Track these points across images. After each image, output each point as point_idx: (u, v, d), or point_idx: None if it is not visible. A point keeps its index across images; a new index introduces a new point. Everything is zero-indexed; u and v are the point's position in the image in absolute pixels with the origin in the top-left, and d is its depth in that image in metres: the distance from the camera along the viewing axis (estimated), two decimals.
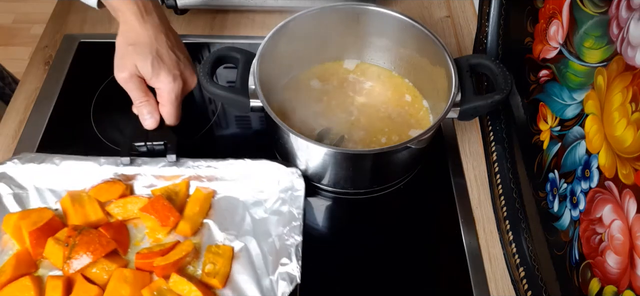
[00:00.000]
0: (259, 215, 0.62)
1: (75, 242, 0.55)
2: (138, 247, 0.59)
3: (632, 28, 0.42)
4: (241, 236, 0.60)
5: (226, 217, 0.62)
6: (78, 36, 0.84)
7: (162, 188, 0.63)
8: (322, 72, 0.76)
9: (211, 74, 0.63)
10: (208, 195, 0.63)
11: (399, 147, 0.61)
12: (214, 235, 0.61)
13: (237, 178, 0.63)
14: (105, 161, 0.62)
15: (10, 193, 0.61)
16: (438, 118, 0.61)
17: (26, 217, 0.58)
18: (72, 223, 0.59)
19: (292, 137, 0.60)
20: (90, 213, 0.60)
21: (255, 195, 0.63)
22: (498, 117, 0.69)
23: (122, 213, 0.61)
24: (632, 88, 0.42)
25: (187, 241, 0.59)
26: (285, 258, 0.56)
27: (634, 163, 0.41)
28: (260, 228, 0.61)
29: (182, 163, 0.63)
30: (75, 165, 0.62)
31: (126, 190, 0.62)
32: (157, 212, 0.59)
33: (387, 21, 0.71)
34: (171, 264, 0.56)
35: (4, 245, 0.58)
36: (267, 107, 0.60)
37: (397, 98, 0.74)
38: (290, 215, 0.60)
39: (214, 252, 0.58)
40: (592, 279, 0.46)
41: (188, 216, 0.61)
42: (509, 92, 0.62)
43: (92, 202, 0.61)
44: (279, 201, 0.62)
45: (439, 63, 0.66)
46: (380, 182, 0.67)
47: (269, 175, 0.63)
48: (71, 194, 0.61)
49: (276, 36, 0.67)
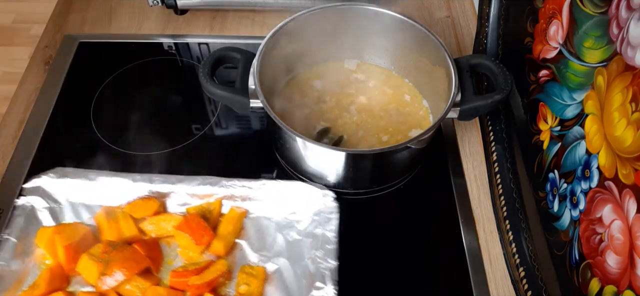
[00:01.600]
0: (291, 236, 0.61)
1: (110, 258, 0.54)
2: (171, 265, 0.59)
3: (632, 28, 0.42)
4: (274, 257, 0.59)
5: (259, 238, 0.61)
6: (78, 36, 0.84)
7: (196, 207, 0.62)
8: (323, 72, 0.76)
9: (211, 74, 0.63)
10: (241, 214, 0.62)
11: (399, 147, 0.61)
12: (246, 255, 0.60)
13: (270, 199, 0.62)
14: (140, 178, 0.62)
15: (45, 207, 0.61)
16: (438, 118, 0.61)
17: (61, 231, 0.57)
18: (106, 239, 0.58)
19: (291, 137, 0.60)
20: (124, 230, 0.60)
21: (288, 216, 0.62)
22: (498, 117, 0.69)
23: (155, 230, 0.60)
24: (632, 88, 0.42)
25: (221, 261, 0.58)
26: (320, 282, 0.55)
27: (634, 163, 0.41)
28: (293, 250, 0.60)
29: (216, 182, 0.62)
30: (110, 181, 0.62)
31: (160, 207, 0.62)
32: (192, 230, 0.58)
33: (387, 21, 0.71)
34: (206, 283, 0.55)
35: (37, 259, 0.58)
36: (267, 107, 0.60)
37: (397, 99, 0.74)
38: (324, 238, 0.59)
39: (247, 273, 0.57)
40: (592, 279, 0.46)
41: (222, 235, 0.60)
42: (509, 92, 0.61)
43: (126, 218, 0.60)
44: (312, 223, 0.61)
45: (439, 63, 0.66)
46: (380, 182, 0.67)
47: (302, 197, 0.62)
48: (106, 210, 0.61)
49: (276, 36, 0.67)
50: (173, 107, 0.76)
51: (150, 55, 0.82)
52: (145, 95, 0.77)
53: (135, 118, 0.74)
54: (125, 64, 0.80)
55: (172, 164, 0.69)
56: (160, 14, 0.88)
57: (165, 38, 0.85)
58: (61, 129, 0.72)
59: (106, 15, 0.88)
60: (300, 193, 0.62)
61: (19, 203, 0.60)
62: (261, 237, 0.61)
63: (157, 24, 0.87)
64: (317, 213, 0.61)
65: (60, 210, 0.61)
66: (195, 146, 0.71)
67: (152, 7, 0.89)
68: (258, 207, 0.63)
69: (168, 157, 0.70)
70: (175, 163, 0.69)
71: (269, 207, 0.63)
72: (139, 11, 0.89)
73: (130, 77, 0.79)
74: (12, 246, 0.57)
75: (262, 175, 0.66)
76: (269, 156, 0.71)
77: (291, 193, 0.62)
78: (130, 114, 0.75)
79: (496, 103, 0.62)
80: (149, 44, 0.84)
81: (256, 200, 0.62)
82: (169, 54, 0.83)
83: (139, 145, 0.71)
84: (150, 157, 0.69)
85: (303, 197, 0.62)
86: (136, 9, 0.89)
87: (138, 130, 0.73)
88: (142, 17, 0.88)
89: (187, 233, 0.58)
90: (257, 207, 0.63)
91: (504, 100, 0.62)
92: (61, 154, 0.70)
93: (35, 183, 0.61)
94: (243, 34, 0.86)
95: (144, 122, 0.74)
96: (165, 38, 0.85)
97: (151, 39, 0.84)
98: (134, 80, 0.79)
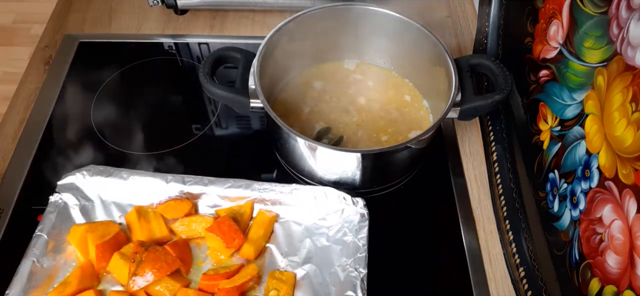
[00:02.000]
0: (321, 242, 0.61)
1: (141, 259, 0.54)
2: (200, 267, 0.58)
3: (632, 28, 0.42)
4: (303, 263, 0.59)
5: (288, 243, 0.61)
6: (78, 36, 0.84)
7: (226, 209, 0.62)
8: (323, 72, 0.76)
9: (211, 73, 0.63)
10: (272, 219, 0.62)
11: (398, 147, 0.61)
12: (275, 260, 0.59)
13: (301, 204, 0.62)
14: (172, 178, 0.62)
15: (77, 205, 0.61)
16: (438, 118, 0.61)
17: (93, 229, 0.57)
18: (136, 239, 0.58)
19: (292, 137, 0.60)
20: (155, 230, 0.59)
21: (318, 222, 0.62)
22: (498, 117, 0.69)
23: (186, 231, 0.60)
24: (632, 88, 0.42)
25: (251, 265, 0.58)
26: (350, 290, 0.55)
27: (634, 163, 0.41)
28: (322, 256, 0.60)
29: (248, 185, 0.62)
30: (142, 180, 0.62)
31: (192, 209, 0.62)
32: (223, 233, 0.58)
33: (387, 21, 0.71)
34: (235, 287, 0.55)
35: (68, 256, 0.58)
36: (267, 106, 0.60)
37: (397, 99, 0.74)
38: (355, 246, 0.58)
39: (277, 278, 0.57)
40: (592, 279, 0.46)
41: (252, 239, 0.59)
42: (509, 92, 0.61)
43: (157, 219, 0.60)
44: (342, 230, 0.61)
45: (439, 63, 0.66)
46: (380, 182, 0.67)
47: (332, 204, 0.62)
48: (138, 209, 0.60)
49: (276, 36, 0.67)
50: (173, 107, 0.76)
51: (150, 55, 0.82)
52: (145, 95, 0.77)
53: (135, 118, 0.75)
54: (125, 64, 0.80)
55: (173, 164, 0.69)
56: (160, 14, 0.88)
57: (165, 38, 0.85)
58: (61, 129, 0.72)
59: (106, 15, 0.88)
60: (331, 199, 0.61)
61: (52, 200, 0.60)
62: (290, 242, 0.61)
63: (157, 24, 0.87)
64: (348, 220, 0.61)
65: (92, 207, 0.61)
66: (195, 146, 0.71)
67: (152, 7, 0.89)
68: (288, 211, 0.62)
69: (168, 156, 0.70)
70: (175, 163, 0.69)
71: (299, 212, 0.62)
72: (139, 11, 0.89)
73: (130, 77, 0.79)
74: (43, 243, 0.57)
75: (262, 176, 0.66)
76: (269, 156, 0.71)
77: (322, 199, 0.62)
78: (130, 114, 0.75)
79: (496, 103, 0.62)
80: (149, 44, 0.84)
81: (286, 204, 0.62)
82: (169, 54, 0.83)
83: (139, 145, 0.71)
84: (150, 157, 0.69)
85: (334, 204, 0.61)
86: (136, 9, 0.89)
87: (138, 130, 0.73)
88: (142, 17, 0.88)
89: (218, 236, 0.57)
90: (287, 212, 0.62)
91: (504, 100, 0.62)
92: (61, 154, 0.70)
93: (69, 180, 0.61)
94: (243, 33, 0.86)
95: (144, 122, 0.74)
96: (165, 38, 0.85)
97: (151, 39, 0.84)
98: (134, 80, 0.79)
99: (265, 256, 0.60)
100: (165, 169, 0.68)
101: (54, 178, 0.67)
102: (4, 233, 0.62)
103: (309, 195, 0.62)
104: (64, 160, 0.69)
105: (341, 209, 0.61)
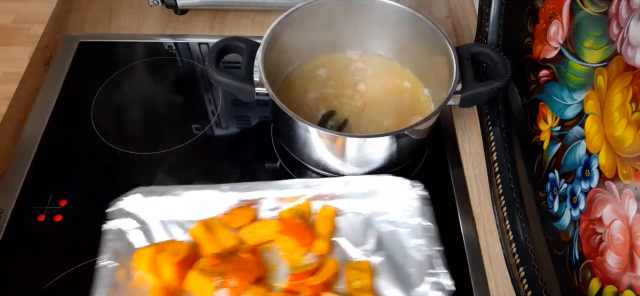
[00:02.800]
0: (386, 228, 0.61)
1: (223, 270, 0.54)
2: (276, 270, 0.58)
3: (632, 28, 0.42)
4: (375, 250, 0.59)
5: (354, 233, 0.61)
6: (78, 36, 0.84)
7: (288, 210, 0.62)
8: (326, 63, 0.76)
9: (216, 62, 0.63)
10: (333, 212, 0.62)
11: (398, 132, 0.61)
12: (347, 251, 0.60)
13: (358, 195, 0.62)
14: (227, 187, 0.61)
15: (134, 229, 0.58)
16: (440, 105, 0.62)
17: (162, 250, 0.55)
18: (207, 252, 0.57)
19: (296, 123, 0.61)
20: (223, 241, 0.58)
21: (377, 209, 0.62)
22: (498, 117, 0.69)
23: (253, 238, 0.59)
24: (632, 88, 0.42)
25: (331, 260, 0.58)
26: (431, 269, 0.56)
27: (634, 163, 0.41)
28: (392, 241, 0.60)
29: (302, 184, 0.62)
30: (197, 194, 0.60)
31: (254, 215, 0.61)
32: (294, 233, 0.58)
33: (389, 12, 0.72)
34: (322, 284, 0.55)
35: (137, 282, 0.55)
36: (272, 92, 0.60)
37: (399, 89, 0.74)
38: (423, 227, 0.59)
39: (356, 268, 0.57)
40: (592, 279, 0.46)
41: (321, 234, 0.60)
42: (509, 79, 0.62)
43: (224, 229, 0.59)
44: (404, 214, 0.61)
45: (441, 52, 0.67)
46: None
47: (389, 190, 0.62)
48: (204, 222, 0.59)
49: (280, 26, 0.68)
50: (173, 107, 0.76)
51: (150, 55, 0.82)
52: (145, 95, 0.78)
53: (135, 118, 0.75)
54: (125, 64, 0.80)
55: (173, 164, 0.69)
56: (160, 14, 0.88)
57: (165, 38, 0.85)
58: (61, 129, 0.72)
59: (106, 15, 0.88)
60: (387, 186, 0.62)
61: (107, 228, 0.57)
62: (356, 233, 0.61)
63: (157, 24, 0.87)
64: (409, 203, 0.61)
65: (150, 230, 0.59)
66: (195, 146, 0.71)
67: (152, 7, 0.89)
68: (346, 203, 0.63)
69: (168, 157, 0.70)
70: (175, 164, 0.69)
71: (357, 203, 0.62)
72: (139, 11, 0.89)
73: (130, 77, 0.79)
74: (110, 272, 0.54)
75: (264, 174, 0.66)
76: (270, 155, 0.71)
77: (377, 187, 0.62)
78: (130, 114, 0.75)
79: (496, 90, 0.62)
80: (149, 44, 0.84)
81: (343, 197, 0.62)
82: (169, 54, 0.83)
83: (139, 145, 0.71)
84: (151, 157, 0.69)
85: (389, 190, 0.62)
86: (136, 9, 0.89)
87: (138, 130, 0.73)
88: (142, 17, 0.88)
89: (290, 237, 0.58)
90: (345, 204, 0.63)
91: (504, 86, 0.63)
92: (61, 154, 0.70)
93: (119, 206, 0.59)
94: (243, 34, 0.86)
95: (144, 122, 0.74)
96: (165, 38, 0.85)
97: (151, 39, 0.84)
98: (134, 80, 0.79)
99: (335, 249, 0.60)
100: (166, 169, 0.68)
101: (54, 178, 0.67)
102: (4, 233, 0.62)
103: (364, 185, 0.62)
104: (64, 160, 0.69)
105: (401, 194, 0.62)
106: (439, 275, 0.55)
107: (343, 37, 0.76)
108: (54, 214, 0.63)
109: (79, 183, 0.67)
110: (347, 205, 0.63)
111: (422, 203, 0.61)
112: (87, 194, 0.66)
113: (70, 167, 0.69)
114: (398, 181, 0.62)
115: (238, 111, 0.76)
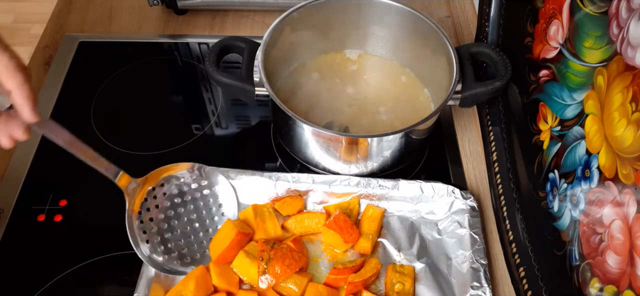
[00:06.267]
0: (433, 236, 0.61)
1: (270, 256, 0.54)
2: (317, 262, 0.59)
3: (632, 28, 0.42)
4: (419, 256, 0.59)
5: (399, 237, 0.61)
6: (78, 36, 0.84)
7: (334, 205, 0.62)
8: (325, 62, 0.76)
9: (217, 62, 0.63)
10: (381, 213, 0.62)
11: (398, 132, 0.61)
12: (390, 254, 0.60)
13: (408, 199, 0.63)
14: (280, 176, 0.62)
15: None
16: (440, 104, 0.62)
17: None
18: (259, 238, 0.59)
19: (297, 123, 0.61)
20: (269, 229, 0.60)
21: (425, 216, 0.63)
22: (498, 118, 0.69)
23: (299, 228, 0.61)
24: (632, 88, 0.42)
25: (374, 260, 0.59)
26: (476, 282, 0.56)
27: (634, 163, 0.41)
28: (437, 249, 0.60)
29: (353, 181, 0.62)
30: (249, 179, 0.62)
31: (302, 206, 0.63)
32: (340, 229, 0.58)
33: (389, 11, 0.72)
34: (363, 281, 0.55)
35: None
36: (271, 92, 0.61)
37: (398, 88, 0.74)
38: (471, 238, 0.59)
39: (399, 271, 0.57)
40: (592, 279, 0.46)
41: (366, 234, 0.60)
42: (509, 78, 0.62)
43: (272, 217, 0.61)
44: (453, 224, 0.61)
45: (440, 52, 0.67)
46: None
47: (440, 197, 0.62)
48: (254, 207, 0.61)
49: (280, 26, 0.68)
50: (173, 107, 0.76)
51: (150, 55, 0.82)
52: (145, 95, 0.78)
53: (135, 118, 0.75)
54: (125, 64, 0.80)
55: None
56: (160, 14, 0.88)
57: (165, 38, 0.85)
58: None
59: (106, 15, 0.88)
60: (439, 193, 0.62)
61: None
62: (401, 236, 0.61)
63: (157, 24, 0.87)
64: (458, 213, 0.62)
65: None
66: (195, 146, 0.71)
67: (152, 7, 0.89)
68: (395, 206, 0.63)
69: (168, 157, 0.70)
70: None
71: (406, 207, 0.63)
72: (139, 11, 0.89)
73: (130, 77, 0.79)
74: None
75: (264, 174, 0.66)
76: (270, 155, 0.71)
77: (429, 193, 0.62)
78: (130, 114, 0.75)
79: (496, 90, 0.62)
80: (149, 44, 0.84)
81: (392, 199, 0.63)
82: (169, 54, 0.83)
83: (139, 145, 0.71)
84: (151, 157, 0.69)
85: (440, 197, 0.62)
86: (136, 9, 0.89)
87: (138, 130, 0.73)
88: (142, 17, 0.88)
89: (336, 231, 0.58)
90: (394, 207, 0.63)
91: (504, 86, 0.63)
92: (61, 154, 0.70)
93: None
94: (243, 34, 0.86)
95: (144, 122, 0.74)
96: (165, 38, 0.85)
97: (151, 39, 0.84)
98: (134, 80, 0.79)
99: (378, 250, 0.60)
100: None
101: (54, 178, 0.67)
102: (4, 233, 0.62)
103: (415, 189, 0.62)
104: (64, 160, 0.69)
105: (450, 203, 0.62)
106: (482, 289, 0.55)
107: (343, 37, 0.76)
108: (54, 214, 0.63)
109: (79, 183, 0.67)
110: (396, 207, 0.63)
111: (471, 214, 0.61)
112: (87, 194, 0.66)
113: (70, 167, 0.68)
114: (449, 189, 0.62)
115: (238, 111, 0.76)
